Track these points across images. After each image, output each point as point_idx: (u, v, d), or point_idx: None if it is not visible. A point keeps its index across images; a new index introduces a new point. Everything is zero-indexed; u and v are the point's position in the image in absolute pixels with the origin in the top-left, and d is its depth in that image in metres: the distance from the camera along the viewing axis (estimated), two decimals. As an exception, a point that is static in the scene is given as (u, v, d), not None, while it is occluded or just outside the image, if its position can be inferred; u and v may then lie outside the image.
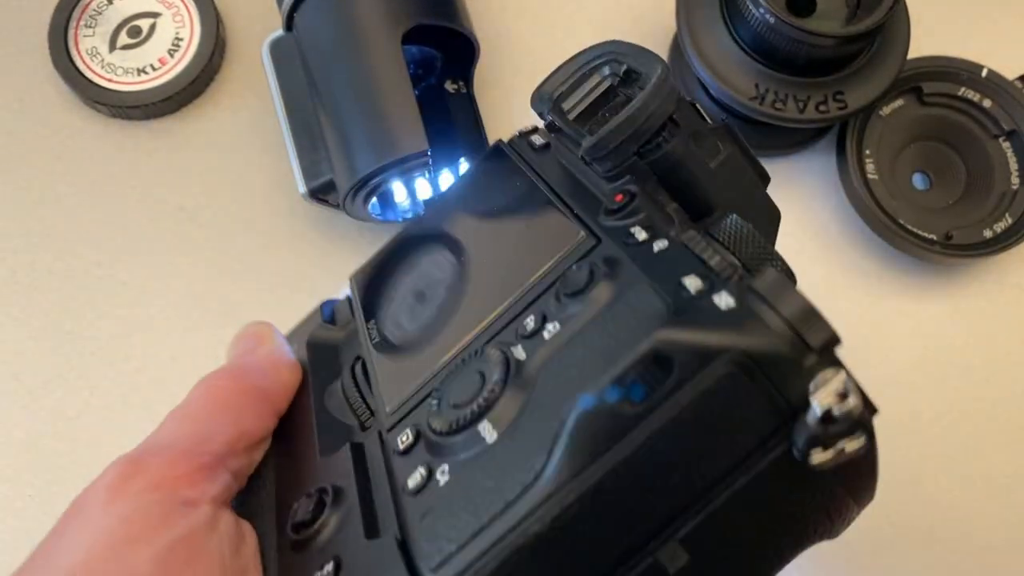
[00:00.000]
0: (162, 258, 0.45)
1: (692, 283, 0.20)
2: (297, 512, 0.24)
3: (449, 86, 0.44)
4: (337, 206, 0.42)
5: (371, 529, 0.22)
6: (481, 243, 0.29)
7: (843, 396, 0.19)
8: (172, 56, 0.47)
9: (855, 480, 0.21)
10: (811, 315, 0.20)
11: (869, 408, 0.20)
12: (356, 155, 0.40)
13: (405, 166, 0.39)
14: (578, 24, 0.49)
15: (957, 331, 0.45)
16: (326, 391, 0.29)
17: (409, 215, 0.44)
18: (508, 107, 0.48)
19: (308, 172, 0.42)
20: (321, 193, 0.42)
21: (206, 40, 0.47)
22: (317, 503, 0.24)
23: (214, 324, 0.44)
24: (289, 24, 0.42)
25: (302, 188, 0.42)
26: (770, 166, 0.47)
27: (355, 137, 0.40)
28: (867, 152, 0.45)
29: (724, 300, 0.20)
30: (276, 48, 0.43)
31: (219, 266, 0.45)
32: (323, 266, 0.45)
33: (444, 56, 0.44)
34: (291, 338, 0.32)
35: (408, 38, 0.40)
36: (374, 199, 0.42)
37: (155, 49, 0.47)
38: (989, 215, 0.44)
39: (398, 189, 0.42)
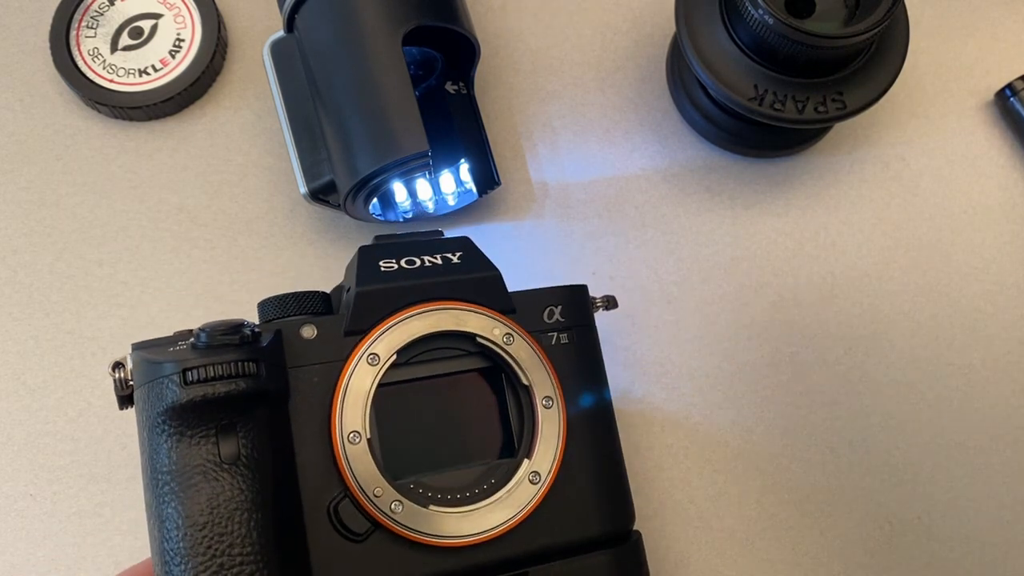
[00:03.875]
0: (162, 258, 0.45)
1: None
2: None
3: (449, 87, 0.44)
4: (338, 207, 0.43)
5: None
6: None
7: None
8: (173, 57, 0.47)
9: None
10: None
11: None
12: (357, 156, 0.40)
13: (406, 167, 0.39)
14: (578, 24, 0.49)
15: (956, 329, 0.45)
16: None
17: (409, 215, 0.44)
18: (508, 107, 0.48)
19: (309, 173, 0.42)
20: (322, 194, 0.42)
21: (207, 41, 0.47)
22: None
23: (215, 324, 0.44)
24: (290, 25, 0.42)
25: (303, 189, 0.42)
26: (770, 166, 0.48)
27: (356, 138, 0.40)
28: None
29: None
30: (277, 49, 0.43)
31: (219, 266, 0.45)
32: (323, 266, 0.45)
33: (444, 57, 0.44)
34: None
35: (409, 39, 0.40)
36: (375, 199, 0.42)
37: (156, 50, 0.47)
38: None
39: (399, 190, 0.42)
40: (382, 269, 0.33)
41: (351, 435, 0.31)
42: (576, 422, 0.34)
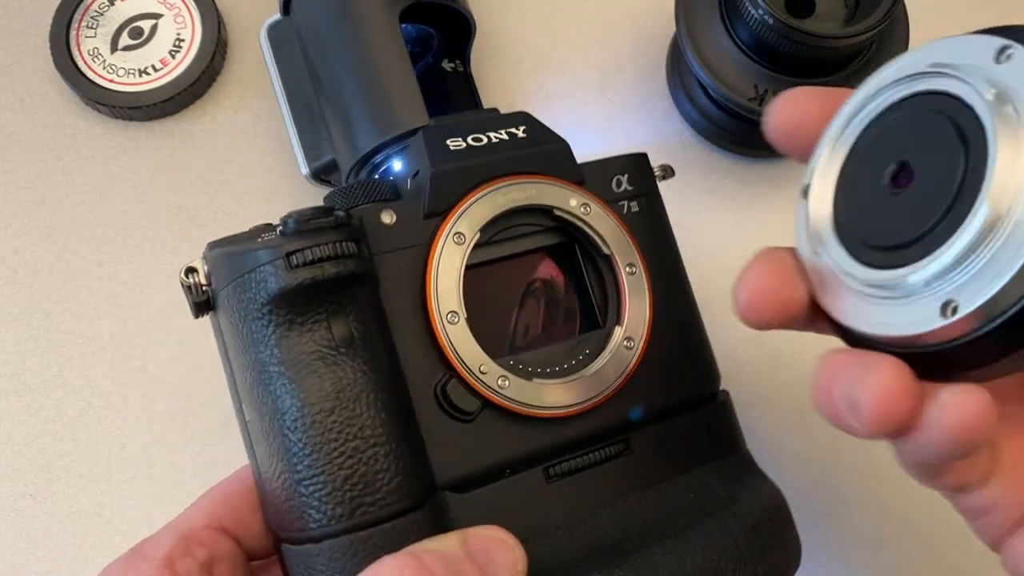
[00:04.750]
0: (162, 258, 0.45)
1: None
2: None
3: (446, 65, 0.44)
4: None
5: None
6: None
7: None
8: (173, 57, 0.47)
9: None
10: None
11: None
12: (357, 133, 0.40)
13: (407, 142, 0.39)
14: (578, 24, 0.49)
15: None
16: None
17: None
18: (505, 84, 0.48)
19: (310, 153, 0.42)
20: (323, 174, 0.42)
21: (207, 41, 0.47)
22: None
23: (215, 324, 0.44)
24: (286, 7, 0.42)
25: (304, 170, 0.42)
26: (769, 166, 0.48)
27: (356, 115, 0.40)
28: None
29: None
30: (274, 31, 0.43)
31: (220, 266, 0.45)
32: (323, 266, 0.45)
33: (441, 34, 0.44)
34: None
35: (405, 16, 0.40)
36: (376, 177, 0.42)
37: (156, 50, 0.47)
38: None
39: (400, 166, 0.42)
40: (451, 148, 0.32)
41: (449, 315, 0.30)
42: (657, 288, 0.34)
